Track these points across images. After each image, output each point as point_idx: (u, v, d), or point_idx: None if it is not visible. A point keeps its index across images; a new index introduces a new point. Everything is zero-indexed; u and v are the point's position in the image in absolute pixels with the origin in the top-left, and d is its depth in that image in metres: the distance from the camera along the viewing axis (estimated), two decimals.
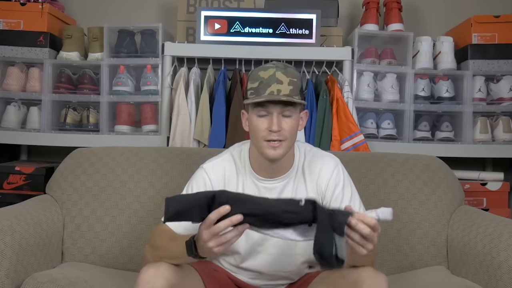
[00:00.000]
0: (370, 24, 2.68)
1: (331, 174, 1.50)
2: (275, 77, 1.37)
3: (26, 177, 2.46)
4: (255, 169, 1.49)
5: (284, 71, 1.39)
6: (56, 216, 1.83)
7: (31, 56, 2.61)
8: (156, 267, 1.30)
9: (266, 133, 1.39)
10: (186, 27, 2.69)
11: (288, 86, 1.37)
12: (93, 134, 2.58)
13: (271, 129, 1.37)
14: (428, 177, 1.94)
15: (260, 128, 1.39)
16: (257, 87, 1.38)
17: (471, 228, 1.72)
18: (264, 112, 1.39)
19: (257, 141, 1.41)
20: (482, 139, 2.61)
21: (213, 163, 1.53)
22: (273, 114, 1.38)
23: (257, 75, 1.40)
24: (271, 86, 1.37)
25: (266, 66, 1.42)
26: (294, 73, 1.41)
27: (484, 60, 2.62)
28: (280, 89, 1.36)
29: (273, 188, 1.49)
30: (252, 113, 1.41)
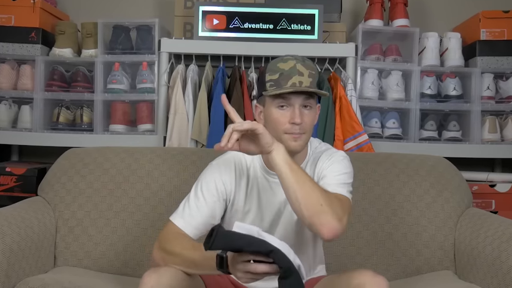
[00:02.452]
0: (374, 20, 2.68)
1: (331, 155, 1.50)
2: (296, 68, 1.40)
3: (17, 178, 2.46)
4: (266, 164, 1.50)
5: (303, 63, 1.42)
6: (49, 219, 1.83)
7: (23, 52, 2.61)
8: (160, 272, 1.31)
9: (287, 126, 1.41)
10: (184, 23, 2.69)
11: (309, 78, 1.41)
12: (87, 133, 2.58)
13: (294, 121, 1.40)
14: (435, 179, 1.94)
15: (281, 121, 1.42)
16: (278, 79, 1.41)
17: (479, 232, 1.72)
18: (285, 103, 1.41)
19: (277, 133, 1.42)
20: (491, 139, 2.61)
21: (223, 160, 1.54)
22: (295, 106, 1.41)
23: (276, 67, 1.42)
24: (292, 78, 1.39)
25: (285, 58, 1.44)
26: (312, 65, 1.45)
27: (493, 57, 2.62)
28: (302, 80, 1.40)
29: None
30: (271, 105, 1.43)
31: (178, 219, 1.46)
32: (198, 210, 1.46)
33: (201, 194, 1.48)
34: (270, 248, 1.18)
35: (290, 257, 1.20)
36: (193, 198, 1.49)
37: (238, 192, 1.51)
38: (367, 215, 1.89)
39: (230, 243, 1.20)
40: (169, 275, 1.30)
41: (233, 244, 1.20)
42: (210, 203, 1.48)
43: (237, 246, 1.20)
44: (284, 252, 1.19)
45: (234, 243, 1.19)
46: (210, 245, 1.19)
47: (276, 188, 1.49)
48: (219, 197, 1.49)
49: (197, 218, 1.45)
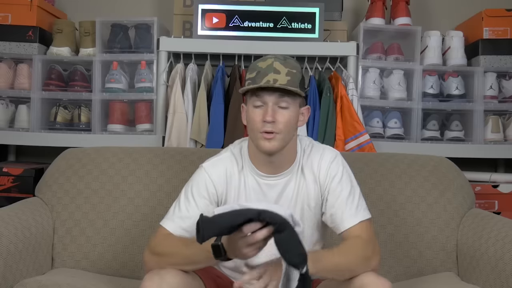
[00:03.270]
0: (376, 18, 2.68)
1: (329, 165, 1.51)
2: (272, 66, 1.40)
3: (14, 179, 2.46)
4: (256, 165, 1.50)
5: (283, 62, 1.41)
6: (46, 220, 1.83)
7: (20, 51, 2.61)
8: (161, 274, 1.32)
9: (260, 124, 1.40)
10: (183, 21, 2.69)
11: (286, 77, 1.39)
12: (85, 133, 2.58)
13: (265, 119, 1.39)
14: (437, 179, 1.94)
15: (255, 119, 1.41)
16: (254, 77, 1.41)
17: (482, 233, 1.72)
18: (259, 102, 1.41)
19: (253, 133, 1.44)
20: (494, 139, 2.61)
21: (213, 162, 1.54)
22: (268, 104, 1.40)
23: (255, 65, 1.43)
24: (267, 75, 1.39)
25: (265, 57, 1.45)
26: (293, 64, 1.43)
27: (496, 56, 2.62)
28: (277, 78, 1.38)
29: (275, 185, 1.50)
30: (249, 104, 1.44)
31: (168, 223, 1.47)
32: (188, 213, 1.46)
33: (191, 197, 1.48)
34: (257, 211, 1.19)
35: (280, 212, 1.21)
36: (183, 201, 1.49)
37: (229, 194, 1.51)
38: None
39: (219, 226, 1.19)
40: (171, 276, 1.31)
41: (222, 226, 1.19)
42: (201, 206, 1.47)
43: (227, 225, 1.19)
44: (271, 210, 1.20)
45: (222, 224, 1.19)
46: (202, 238, 1.19)
47: (267, 190, 1.50)
48: (210, 199, 1.49)
49: (187, 221, 1.45)
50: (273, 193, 1.50)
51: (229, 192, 1.51)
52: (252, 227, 1.19)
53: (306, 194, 1.51)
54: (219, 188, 1.50)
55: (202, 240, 1.19)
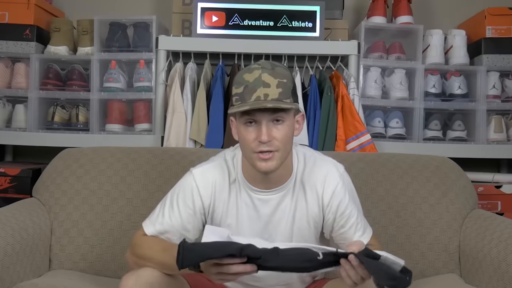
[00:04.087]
0: (377, 17, 2.68)
1: (335, 186, 1.45)
2: (261, 80, 1.30)
3: (11, 179, 2.46)
4: (248, 180, 1.44)
5: (271, 72, 1.31)
6: (43, 221, 1.83)
7: (17, 50, 2.61)
8: (139, 274, 1.31)
9: (255, 144, 1.32)
10: (182, 20, 2.69)
11: (277, 89, 1.30)
12: (83, 133, 2.58)
13: (260, 139, 1.30)
14: (439, 179, 1.94)
15: (249, 139, 1.32)
16: (242, 93, 1.31)
17: (485, 234, 1.72)
18: (251, 119, 1.32)
19: (247, 153, 1.35)
20: (497, 139, 2.61)
21: (203, 169, 1.48)
22: (262, 122, 1.31)
23: (241, 79, 1.33)
24: (257, 91, 1.29)
25: (251, 67, 1.34)
26: (283, 72, 1.33)
27: (499, 55, 2.62)
28: (268, 93, 1.29)
29: (269, 200, 1.45)
30: (240, 122, 1.34)
31: (149, 226, 1.45)
32: (170, 220, 1.44)
33: (176, 205, 1.45)
34: (239, 246, 1.17)
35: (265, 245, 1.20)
36: (168, 207, 1.46)
37: (217, 206, 1.46)
38: (369, 217, 1.87)
39: (199, 256, 1.18)
40: (148, 275, 1.30)
41: (202, 256, 1.18)
42: (184, 216, 1.44)
43: (207, 257, 1.18)
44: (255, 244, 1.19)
45: (203, 255, 1.18)
46: (181, 265, 1.18)
47: (260, 205, 1.45)
48: (195, 211, 1.45)
49: (167, 228, 1.43)
50: (267, 209, 1.45)
51: (217, 204, 1.46)
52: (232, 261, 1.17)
53: (305, 211, 1.46)
54: (205, 200, 1.45)
55: (181, 266, 1.19)
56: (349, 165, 1.57)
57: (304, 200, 1.46)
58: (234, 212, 1.46)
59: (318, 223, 1.48)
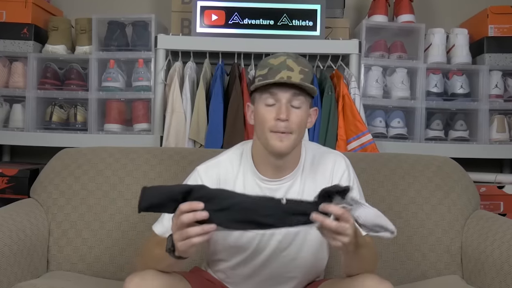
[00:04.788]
0: (378, 15, 2.68)
1: (343, 174, 1.52)
2: (285, 63, 1.39)
3: (8, 180, 2.46)
4: (259, 169, 1.49)
5: (295, 59, 1.41)
6: (41, 222, 1.83)
7: (14, 49, 2.62)
8: (142, 275, 1.32)
9: (273, 123, 1.38)
10: (181, 19, 2.69)
11: (299, 75, 1.38)
12: (81, 133, 2.58)
13: (279, 117, 1.37)
14: (441, 180, 1.94)
15: (267, 117, 1.39)
16: (266, 73, 1.39)
17: (487, 235, 1.72)
18: (272, 100, 1.39)
19: (263, 132, 1.41)
20: (499, 139, 2.61)
21: (207, 166, 1.53)
22: (282, 101, 1.38)
23: (266, 62, 1.42)
24: (281, 72, 1.37)
25: (277, 54, 1.44)
26: (305, 63, 1.43)
27: (502, 54, 2.62)
28: (290, 75, 1.37)
29: (278, 189, 1.49)
30: (259, 102, 1.42)
31: (158, 226, 1.47)
32: None
33: None
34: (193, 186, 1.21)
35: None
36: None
37: None
38: None
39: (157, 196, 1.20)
40: (151, 278, 1.31)
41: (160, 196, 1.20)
42: None
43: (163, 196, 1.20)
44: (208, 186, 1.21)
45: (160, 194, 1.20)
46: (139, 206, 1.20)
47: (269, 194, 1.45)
48: None
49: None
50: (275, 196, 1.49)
51: None
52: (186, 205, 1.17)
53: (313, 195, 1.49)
54: None
55: (140, 209, 1.20)
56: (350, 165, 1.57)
57: (312, 187, 1.49)
58: None
59: None
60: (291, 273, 1.53)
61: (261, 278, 1.53)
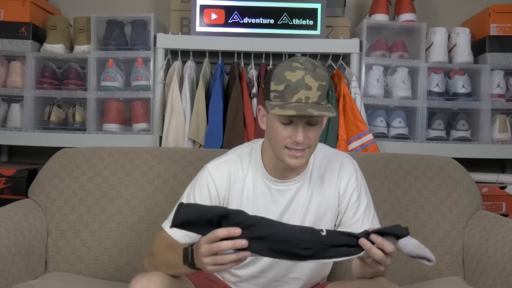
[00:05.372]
0: (379, 14, 2.68)
1: (350, 177, 1.52)
2: (303, 82, 1.32)
3: (6, 180, 2.46)
4: (268, 170, 1.49)
5: (313, 74, 1.34)
6: (39, 222, 1.82)
7: (12, 48, 2.61)
8: (148, 277, 1.32)
9: (289, 141, 1.37)
10: (180, 17, 2.69)
11: (317, 92, 1.33)
12: (80, 133, 2.58)
13: (296, 140, 1.35)
14: (443, 180, 1.94)
15: (283, 135, 1.37)
16: (283, 91, 1.34)
17: (489, 235, 1.72)
18: (288, 120, 1.36)
19: (277, 146, 1.40)
20: (501, 139, 2.61)
21: (218, 163, 1.53)
22: (299, 124, 1.35)
23: (282, 76, 1.35)
24: (299, 93, 1.32)
25: (293, 65, 1.35)
26: (323, 74, 1.36)
27: (504, 53, 2.62)
28: (309, 96, 1.32)
29: (286, 190, 1.49)
30: (274, 117, 1.37)
31: (167, 224, 1.46)
32: None
33: (193, 199, 1.48)
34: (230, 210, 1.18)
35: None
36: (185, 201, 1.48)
37: (232, 197, 1.50)
38: None
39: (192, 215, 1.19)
40: (158, 280, 1.31)
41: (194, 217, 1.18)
42: None
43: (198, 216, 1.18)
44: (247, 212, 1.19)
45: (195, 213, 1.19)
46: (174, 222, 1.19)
47: (278, 195, 1.49)
48: (211, 202, 1.48)
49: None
50: (284, 199, 1.49)
51: (231, 196, 1.50)
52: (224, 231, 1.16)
53: (321, 200, 1.51)
54: (221, 192, 1.49)
55: (174, 224, 1.19)
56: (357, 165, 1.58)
57: (321, 189, 1.51)
58: (250, 204, 1.50)
59: (333, 213, 1.52)
60: (296, 274, 1.53)
61: (265, 279, 1.53)
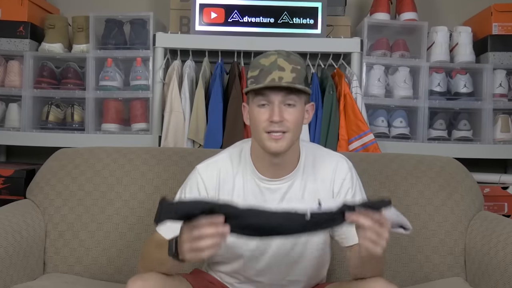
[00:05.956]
0: (380, 13, 2.68)
1: (345, 176, 1.51)
2: (276, 63, 1.38)
3: (4, 180, 2.46)
4: (257, 168, 1.49)
5: (286, 58, 1.39)
6: (38, 223, 1.82)
7: (10, 48, 2.62)
8: (145, 278, 1.32)
9: (266, 124, 1.38)
10: (180, 16, 2.69)
11: (291, 74, 1.37)
12: (78, 133, 2.58)
13: (272, 119, 1.37)
14: (444, 180, 1.94)
15: (261, 119, 1.39)
16: (257, 75, 1.39)
17: (491, 236, 1.72)
18: (264, 101, 1.39)
19: (258, 133, 1.41)
20: (503, 139, 2.61)
21: (207, 164, 1.54)
22: (274, 103, 1.38)
23: (257, 63, 1.41)
24: (272, 73, 1.37)
25: (268, 53, 1.42)
26: (297, 60, 1.42)
27: (506, 53, 2.63)
28: (282, 76, 1.36)
29: (277, 189, 1.49)
30: (253, 103, 1.42)
31: (161, 226, 1.45)
32: None
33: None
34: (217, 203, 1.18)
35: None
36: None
37: (222, 197, 1.49)
38: None
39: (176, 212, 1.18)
40: (154, 280, 1.31)
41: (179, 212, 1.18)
42: None
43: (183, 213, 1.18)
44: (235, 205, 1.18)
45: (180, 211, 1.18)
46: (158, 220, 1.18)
47: (268, 194, 1.48)
48: None
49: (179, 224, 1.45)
50: (275, 198, 1.49)
51: (221, 196, 1.49)
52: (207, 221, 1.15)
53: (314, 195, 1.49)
54: (210, 192, 1.49)
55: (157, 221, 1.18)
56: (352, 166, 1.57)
57: (314, 189, 1.50)
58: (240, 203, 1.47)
59: None
60: (294, 277, 1.53)
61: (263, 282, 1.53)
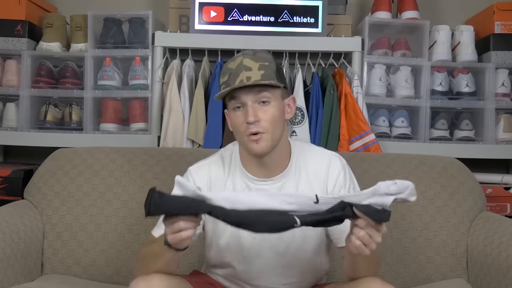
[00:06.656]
0: (382, 12, 2.68)
1: (338, 175, 1.51)
2: (242, 64, 1.39)
3: (2, 181, 2.46)
4: (248, 169, 1.50)
5: (252, 57, 1.41)
6: (36, 224, 1.83)
7: (8, 47, 2.62)
8: (147, 279, 1.32)
9: (245, 126, 1.39)
10: (179, 15, 2.69)
11: (259, 71, 1.38)
12: (76, 133, 2.58)
13: (248, 120, 1.38)
14: (446, 181, 1.94)
15: (238, 122, 1.41)
16: (227, 80, 1.40)
17: (493, 237, 1.72)
18: (238, 103, 1.40)
19: (240, 137, 1.43)
20: (506, 139, 2.61)
21: (198, 166, 1.55)
22: (247, 103, 1.39)
23: (226, 68, 1.43)
24: (239, 75, 1.38)
25: (235, 56, 1.44)
26: (264, 56, 1.42)
27: (508, 52, 2.62)
28: (250, 75, 1.38)
29: (269, 189, 1.48)
30: (229, 108, 1.44)
31: (156, 229, 1.47)
32: None
33: None
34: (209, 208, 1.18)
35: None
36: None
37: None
38: None
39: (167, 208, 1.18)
40: (157, 281, 1.31)
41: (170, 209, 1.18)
42: None
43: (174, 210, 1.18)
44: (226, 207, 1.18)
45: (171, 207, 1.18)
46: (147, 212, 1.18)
47: None
48: None
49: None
50: None
51: None
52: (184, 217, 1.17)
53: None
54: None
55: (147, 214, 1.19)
56: (353, 165, 1.57)
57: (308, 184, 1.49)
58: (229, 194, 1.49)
59: None
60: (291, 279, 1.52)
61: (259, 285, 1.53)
